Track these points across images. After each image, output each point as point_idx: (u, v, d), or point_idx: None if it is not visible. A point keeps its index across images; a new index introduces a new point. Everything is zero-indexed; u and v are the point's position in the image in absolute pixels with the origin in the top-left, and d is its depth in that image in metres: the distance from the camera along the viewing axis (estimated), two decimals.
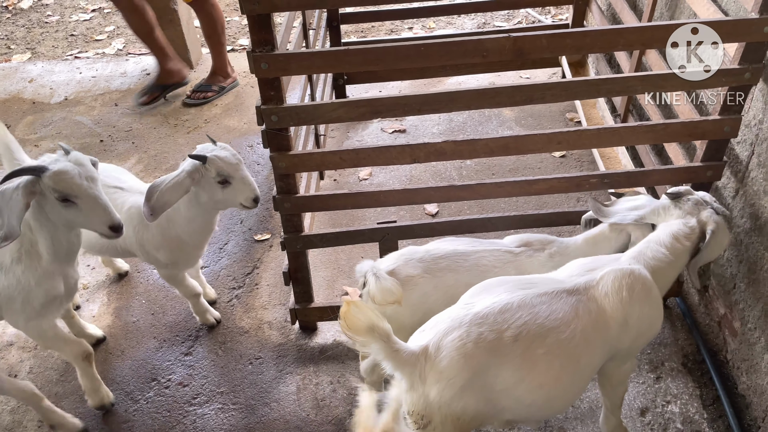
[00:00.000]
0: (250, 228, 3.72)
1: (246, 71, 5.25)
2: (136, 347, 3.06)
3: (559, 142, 2.48)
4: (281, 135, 2.40)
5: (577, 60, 4.53)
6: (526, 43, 2.17)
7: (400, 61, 2.24)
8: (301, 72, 2.38)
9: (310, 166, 2.63)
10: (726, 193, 2.73)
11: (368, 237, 2.77)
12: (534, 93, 2.32)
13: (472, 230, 2.81)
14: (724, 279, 2.74)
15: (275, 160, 2.46)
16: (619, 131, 2.53)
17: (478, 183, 2.63)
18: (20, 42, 6.16)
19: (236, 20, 6.43)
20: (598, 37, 2.24)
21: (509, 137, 2.48)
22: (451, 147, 2.46)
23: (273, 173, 2.56)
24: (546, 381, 1.91)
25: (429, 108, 2.40)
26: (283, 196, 2.59)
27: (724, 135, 2.45)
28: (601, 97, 3.39)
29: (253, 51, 2.17)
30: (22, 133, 4.67)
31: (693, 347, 2.90)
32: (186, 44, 5.24)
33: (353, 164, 2.57)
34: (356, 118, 2.42)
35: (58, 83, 5.27)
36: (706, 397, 2.71)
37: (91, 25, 6.41)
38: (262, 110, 2.32)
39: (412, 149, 2.46)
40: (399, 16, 5.01)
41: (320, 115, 2.43)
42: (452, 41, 2.19)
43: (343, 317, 1.78)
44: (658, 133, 2.53)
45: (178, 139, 4.53)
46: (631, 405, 2.68)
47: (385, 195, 2.68)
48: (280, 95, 2.30)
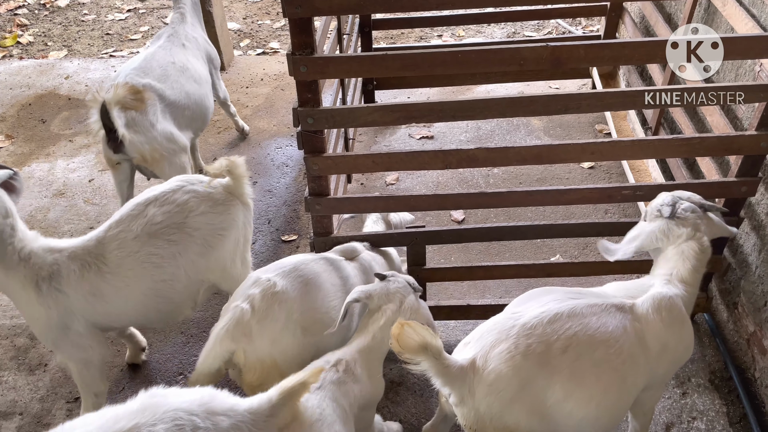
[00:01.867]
0: (278, 228, 3.76)
1: (276, 74, 5.31)
2: (163, 342, 3.10)
3: (592, 153, 2.48)
4: (316, 137, 2.43)
5: (608, 71, 4.51)
6: (563, 53, 2.17)
7: (437, 67, 2.26)
8: (338, 75, 2.40)
9: (343, 168, 2.66)
10: (760, 210, 2.70)
11: (397, 241, 2.79)
12: (570, 103, 2.32)
13: (500, 237, 2.81)
14: (755, 296, 2.71)
15: (309, 161, 2.48)
16: (653, 143, 2.52)
17: (508, 191, 2.64)
18: (57, 39, 6.30)
19: (267, 23, 6.51)
20: (637, 49, 2.24)
21: (542, 146, 2.49)
22: (483, 154, 2.47)
23: (304, 175, 2.58)
24: (595, 394, 1.90)
25: (463, 115, 2.41)
26: (315, 198, 2.61)
27: (760, 150, 2.43)
28: (636, 109, 3.36)
29: (293, 53, 2.19)
30: (58, 128, 4.77)
31: (720, 364, 2.87)
32: (219, 46, 5.31)
33: (386, 168, 2.59)
34: (391, 123, 2.45)
35: (94, 80, 5.37)
36: (732, 414, 2.68)
37: (126, 25, 6.53)
38: (299, 112, 2.34)
39: (444, 155, 2.48)
40: (430, 24, 5.04)
41: (355, 118, 2.46)
42: (490, 49, 2.20)
43: (396, 338, 1.80)
44: (693, 147, 2.51)
45: (208, 139, 4.59)
46: (656, 420, 2.66)
47: (416, 199, 2.69)
48: (317, 98, 2.33)
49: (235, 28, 6.43)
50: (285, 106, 4.92)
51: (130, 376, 2.94)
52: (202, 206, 2.53)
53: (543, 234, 2.82)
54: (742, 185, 2.53)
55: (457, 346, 2.07)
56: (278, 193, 4.04)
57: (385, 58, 2.27)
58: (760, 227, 2.69)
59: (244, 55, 5.93)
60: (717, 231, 2.23)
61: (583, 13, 4.87)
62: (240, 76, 5.36)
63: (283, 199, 3.99)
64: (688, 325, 2.12)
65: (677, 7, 3.63)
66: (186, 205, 2.51)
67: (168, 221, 2.47)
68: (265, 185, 4.11)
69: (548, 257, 3.45)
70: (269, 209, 3.91)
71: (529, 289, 2.13)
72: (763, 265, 2.66)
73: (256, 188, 4.08)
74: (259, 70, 5.44)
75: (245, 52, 6.04)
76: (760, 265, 2.69)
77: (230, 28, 6.31)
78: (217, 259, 2.57)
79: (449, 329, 3.10)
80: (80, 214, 3.94)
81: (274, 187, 4.10)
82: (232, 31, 6.35)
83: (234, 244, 2.63)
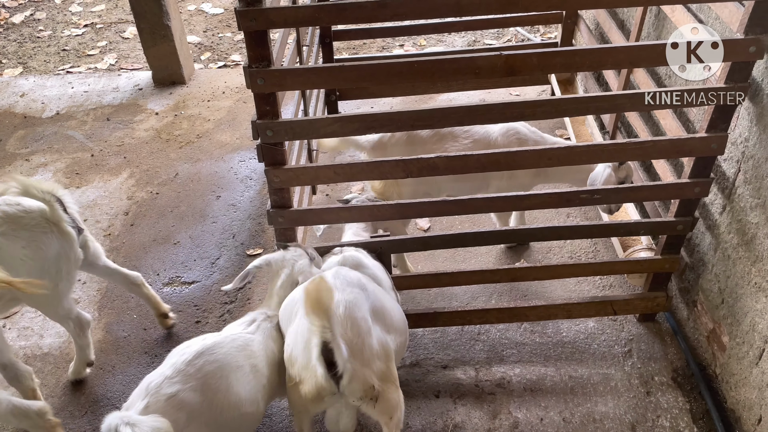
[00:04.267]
0: (242, 243, 3.73)
1: (238, 87, 5.28)
2: (127, 362, 3.04)
3: (549, 158, 2.52)
4: (276, 150, 2.42)
5: (566, 78, 4.59)
6: (517, 62, 2.22)
7: (394, 77, 2.28)
8: (296, 87, 2.41)
9: (304, 180, 2.66)
10: (713, 209, 2.78)
11: (364, 249, 2.79)
12: (525, 110, 2.36)
13: (463, 244, 2.84)
14: (713, 294, 2.78)
15: (270, 174, 2.47)
16: (608, 148, 2.57)
17: (470, 198, 2.66)
18: (12, 56, 6.16)
19: (228, 36, 6.47)
20: (587, 56, 2.29)
21: (500, 153, 2.52)
22: (443, 162, 2.49)
23: (266, 188, 2.57)
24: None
25: (421, 124, 2.43)
26: (277, 210, 2.61)
27: (711, 152, 2.49)
28: (590, 114, 3.44)
29: (249, 66, 2.19)
30: (14, 148, 4.66)
31: (682, 362, 2.93)
32: (179, 60, 5.27)
33: (347, 178, 2.59)
34: (350, 133, 2.46)
35: (50, 98, 5.27)
36: (696, 411, 2.73)
37: (83, 40, 6.42)
38: (258, 125, 2.33)
39: (405, 164, 2.49)
40: (391, 34, 5.08)
41: (315, 129, 2.47)
42: (445, 59, 2.23)
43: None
44: (646, 150, 2.58)
45: (170, 154, 4.53)
46: (621, 419, 2.70)
47: (378, 209, 2.71)
48: (275, 110, 2.32)
49: (196, 42, 6.38)
50: (247, 118, 4.89)
51: (93, 399, 2.87)
52: (4, 227, 2.44)
53: (505, 239, 2.86)
54: (695, 186, 2.59)
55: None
56: (242, 207, 4.01)
57: (342, 69, 2.28)
58: (715, 226, 2.76)
59: (205, 69, 5.88)
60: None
61: (540, 21, 4.95)
62: (201, 90, 5.31)
63: (248, 212, 3.96)
64: None
65: (629, 13, 3.72)
66: None
67: None
68: (228, 199, 4.08)
69: (513, 263, 3.48)
70: (233, 223, 3.88)
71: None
72: (719, 264, 2.73)
73: (219, 202, 4.05)
74: (221, 83, 5.40)
75: (206, 65, 6.00)
76: (716, 264, 2.75)
77: (190, 41, 6.26)
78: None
79: (417, 338, 3.10)
80: None
81: (237, 201, 4.07)
82: (192, 44, 6.30)
83: (40, 273, 2.50)
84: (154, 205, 4.05)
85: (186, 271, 3.54)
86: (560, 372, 2.91)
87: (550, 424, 2.70)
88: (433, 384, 2.88)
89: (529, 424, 2.70)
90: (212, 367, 2.12)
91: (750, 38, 2.19)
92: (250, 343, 2.29)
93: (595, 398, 2.79)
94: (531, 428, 2.68)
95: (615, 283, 3.32)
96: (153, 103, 5.17)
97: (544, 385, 2.86)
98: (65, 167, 4.44)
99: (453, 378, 2.90)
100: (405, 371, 2.93)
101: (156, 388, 2.02)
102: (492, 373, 2.92)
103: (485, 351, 3.02)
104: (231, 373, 2.14)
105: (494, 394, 2.82)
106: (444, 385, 2.87)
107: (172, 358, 2.15)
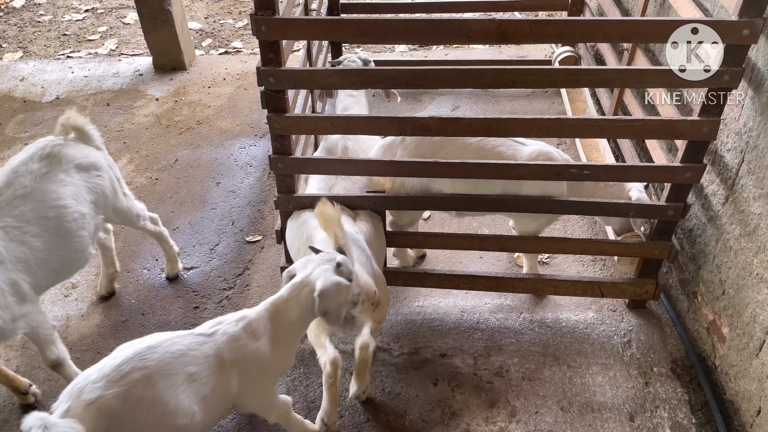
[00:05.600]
0: (242, 229, 3.71)
1: (239, 73, 5.25)
2: None
3: (539, 129, 2.53)
4: (278, 97, 2.52)
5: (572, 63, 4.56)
6: (509, 27, 2.27)
7: (390, 34, 2.39)
8: (297, 37, 2.53)
9: (302, 129, 2.76)
10: (715, 200, 2.76)
11: (357, 204, 2.83)
12: (516, 77, 2.40)
13: (455, 207, 2.91)
14: (713, 285, 2.76)
15: (272, 120, 2.57)
16: (598, 123, 2.59)
17: (461, 162, 2.70)
18: (12, 41, 6.13)
19: (229, 23, 6.44)
20: (579, 27, 2.35)
21: (491, 119, 2.55)
22: (436, 123, 2.54)
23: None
24: None
25: (415, 83, 2.50)
26: (278, 157, 2.69)
27: (702, 136, 2.47)
28: (581, 87, 3.46)
29: (255, 14, 2.28)
30: (13, 132, 4.64)
31: (682, 353, 2.92)
32: (180, 45, 5.23)
33: (344, 131, 2.71)
34: (348, 86, 2.62)
35: (50, 82, 5.24)
36: (694, 402, 2.72)
37: (83, 25, 6.38)
38: (261, 71, 2.43)
39: (399, 122, 2.56)
40: (397, 10, 5.10)
41: (315, 80, 2.56)
42: (440, 20, 2.36)
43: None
44: (636, 129, 2.58)
45: (170, 140, 4.51)
46: (620, 409, 2.69)
47: (372, 164, 2.81)
48: (278, 58, 2.41)
49: (197, 28, 6.34)
50: (248, 105, 4.87)
51: None
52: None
53: (496, 207, 2.88)
54: (686, 171, 2.58)
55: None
56: (242, 194, 3.99)
57: (341, 22, 2.47)
58: (717, 217, 2.74)
59: (206, 55, 5.85)
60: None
61: (546, 7, 4.94)
62: (202, 76, 5.28)
63: (247, 199, 3.94)
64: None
65: (634, 2, 3.69)
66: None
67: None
68: (228, 186, 4.06)
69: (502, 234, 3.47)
70: (233, 210, 3.86)
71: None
72: (720, 255, 2.71)
73: (219, 189, 4.03)
74: (222, 69, 5.37)
75: (207, 51, 5.96)
76: (717, 255, 2.74)
77: (191, 27, 6.22)
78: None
79: (416, 326, 3.09)
80: None
81: (237, 187, 4.05)
82: (194, 30, 6.27)
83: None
84: (153, 191, 4.03)
85: (185, 256, 3.53)
86: (559, 361, 2.90)
87: (548, 413, 2.69)
88: (431, 372, 2.87)
89: (527, 412, 2.69)
90: (138, 374, 1.98)
91: (744, 21, 2.17)
92: (192, 349, 2.10)
93: (593, 388, 2.78)
94: (529, 417, 2.68)
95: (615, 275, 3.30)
96: (153, 88, 5.14)
97: (542, 374, 2.85)
98: None
99: (451, 366, 2.89)
100: (403, 359, 2.93)
101: (78, 393, 1.94)
102: (490, 362, 2.91)
103: (484, 340, 3.01)
104: (160, 381, 2.00)
105: (492, 383, 2.82)
106: (442, 373, 2.87)
107: (105, 359, 2.05)
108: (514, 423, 2.66)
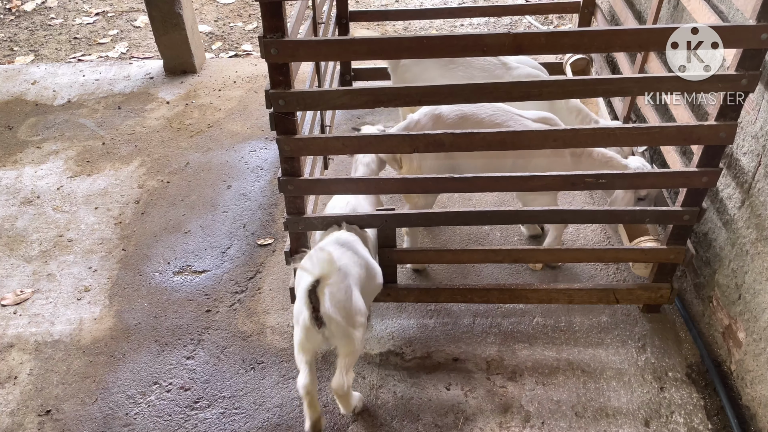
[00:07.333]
0: (253, 233, 3.71)
1: (249, 76, 5.26)
2: (137, 350, 3.04)
3: (555, 140, 2.51)
4: (288, 119, 2.47)
5: (581, 69, 4.54)
6: (525, 40, 2.23)
7: (403, 52, 2.36)
8: (308, 59, 2.47)
9: (313, 150, 2.70)
10: (731, 204, 2.73)
11: (368, 222, 2.81)
12: (531, 89, 2.36)
13: (466, 222, 2.89)
14: (729, 289, 2.74)
15: (281, 143, 2.52)
16: (614, 132, 2.55)
17: (474, 176, 2.68)
18: (23, 44, 6.16)
19: (239, 26, 6.45)
20: (596, 37, 2.29)
21: (506, 132, 2.53)
22: (449, 139, 2.51)
23: (279, 157, 2.60)
24: None
25: (428, 100, 2.49)
26: (288, 179, 2.65)
27: (719, 141, 2.45)
28: (597, 96, 3.43)
29: (264, 36, 2.23)
30: (25, 135, 4.66)
31: (697, 357, 2.89)
32: (190, 49, 5.25)
33: (355, 150, 2.68)
34: (359, 106, 2.52)
35: (61, 86, 5.26)
36: (710, 407, 2.70)
37: (94, 29, 6.41)
38: (270, 94, 2.39)
39: (412, 139, 2.53)
40: (406, 17, 5.07)
41: (325, 101, 2.50)
42: (454, 36, 2.29)
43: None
44: (653, 136, 2.54)
45: (181, 143, 4.52)
46: (635, 415, 2.67)
47: (384, 182, 2.77)
48: (288, 80, 2.37)
49: (207, 31, 6.36)
50: (259, 108, 4.87)
51: (104, 386, 2.88)
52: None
53: (508, 220, 2.86)
54: (703, 176, 2.56)
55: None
56: (253, 197, 3.99)
57: (353, 42, 2.37)
58: (732, 221, 2.72)
59: (216, 58, 5.86)
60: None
61: (557, 10, 4.90)
62: (212, 79, 5.29)
63: (258, 202, 3.95)
64: None
65: (646, 4, 3.67)
66: None
67: None
68: (239, 189, 4.06)
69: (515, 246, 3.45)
70: (244, 213, 3.86)
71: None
72: (736, 259, 2.69)
73: (230, 192, 4.03)
74: (232, 72, 5.38)
75: (217, 54, 5.97)
76: (733, 259, 2.71)
77: (201, 30, 6.24)
78: None
79: (428, 330, 3.08)
80: (49, 221, 3.85)
81: (248, 190, 4.05)
82: (204, 33, 6.28)
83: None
84: (165, 194, 4.04)
85: (196, 260, 3.53)
86: (572, 366, 2.89)
87: (562, 418, 2.68)
88: (444, 377, 2.86)
89: (541, 418, 2.68)
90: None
91: (762, 25, 2.14)
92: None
93: (608, 393, 2.77)
94: (543, 422, 2.66)
95: (629, 279, 3.28)
96: (164, 91, 5.16)
97: (556, 379, 2.84)
98: (76, 155, 4.44)
99: (464, 371, 2.88)
100: (416, 363, 2.92)
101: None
102: (503, 367, 2.89)
103: (497, 344, 3.00)
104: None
105: (506, 388, 2.80)
106: (455, 378, 2.85)
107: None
108: (528, 428, 2.65)
